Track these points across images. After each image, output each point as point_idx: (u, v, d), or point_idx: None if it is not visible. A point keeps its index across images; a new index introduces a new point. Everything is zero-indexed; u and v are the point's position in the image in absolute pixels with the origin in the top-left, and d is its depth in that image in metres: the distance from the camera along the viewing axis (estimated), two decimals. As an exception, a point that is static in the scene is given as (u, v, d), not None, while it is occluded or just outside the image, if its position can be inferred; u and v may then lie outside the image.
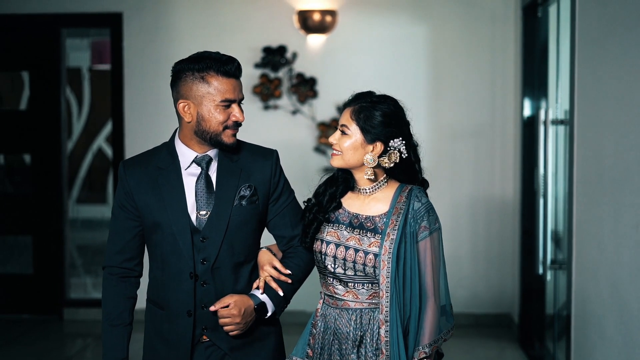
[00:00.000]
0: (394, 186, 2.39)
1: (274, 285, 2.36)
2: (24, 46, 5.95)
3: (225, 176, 2.36)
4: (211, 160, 2.37)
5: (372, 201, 2.38)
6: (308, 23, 5.62)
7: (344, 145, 2.35)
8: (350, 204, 2.41)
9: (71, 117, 9.88)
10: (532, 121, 5.07)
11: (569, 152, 3.73)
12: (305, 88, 5.69)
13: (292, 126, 5.73)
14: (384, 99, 2.36)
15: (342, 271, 2.34)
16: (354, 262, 2.32)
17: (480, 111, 5.72)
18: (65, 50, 6.07)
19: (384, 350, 2.26)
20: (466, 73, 5.71)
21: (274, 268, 2.38)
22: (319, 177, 2.54)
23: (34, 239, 6.03)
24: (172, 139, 2.42)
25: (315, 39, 5.70)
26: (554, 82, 4.63)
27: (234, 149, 2.37)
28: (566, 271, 3.85)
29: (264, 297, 2.35)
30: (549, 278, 4.54)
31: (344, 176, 2.44)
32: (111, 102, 5.91)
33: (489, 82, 5.71)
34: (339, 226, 2.38)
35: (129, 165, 2.40)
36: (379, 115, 2.32)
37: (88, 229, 9.81)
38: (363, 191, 2.40)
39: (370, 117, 2.32)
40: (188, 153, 2.36)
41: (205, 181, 2.35)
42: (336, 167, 2.41)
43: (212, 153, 2.37)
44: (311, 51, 5.72)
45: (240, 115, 2.32)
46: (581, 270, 3.54)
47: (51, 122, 5.98)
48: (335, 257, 2.35)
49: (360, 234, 2.34)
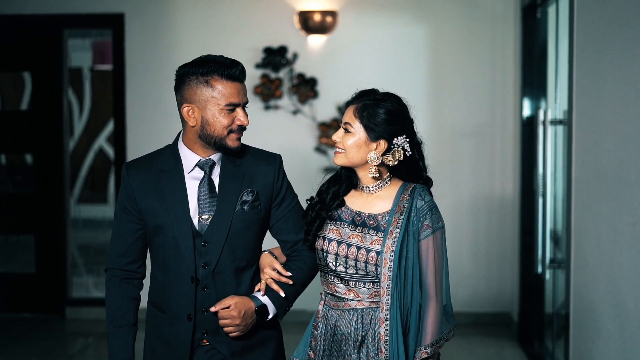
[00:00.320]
0: (397, 184, 2.36)
1: (275, 287, 2.33)
2: (26, 47, 5.96)
3: (228, 181, 2.34)
4: (214, 164, 2.35)
5: (375, 199, 2.35)
6: (309, 24, 5.64)
7: (347, 143, 2.32)
8: (353, 202, 2.38)
9: (72, 117, 9.90)
10: (532, 121, 5.06)
11: (568, 152, 3.74)
12: (306, 88, 5.71)
13: (292, 126, 5.74)
14: (387, 97, 2.34)
15: (344, 269, 2.32)
16: (356, 259, 2.30)
17: (480, 111, 5.73)
18: (67, 50, 6.09)
19: (383, 349, 2.24)
20: (466, 73, 5.72)
21: (275, 270, 2.36)
22: (319, 177, 2.52)
23: (36, 238, 6.04)
24: (176, 142, 2.40)
25: (316, 40, 5.72)
26: (553, 82, 4.63)
27: (238, 153, 2.35)
28: (565, 270, 3.86)
29: (265, 299, 2.33)
30: (548, 277, 4.54)
31: (347, 174, 2.40)
32: (113, 102, 5.93)
33: (488, 83, 5.72)
34: (341, 224, 2.36)
35: (132, 167, 2.38)
36: (383, 113, 2.29)
37: (89, 229, 9.83)
38: (366, 189, 2.37)
39: (374, 114, 2.29)
40: (191, 157, 2.34)
41: (208, 185, 2.33)
42: (339, 165, 2.37)
43: (215, 157, 2.35)
44: (312, 51, 5.74)
45: (245, 119, 2.30)
46: (579, 269, 3.54)
47: (53, 122, 5.99)
48: (337, 254, 2.32)
49: (362, 232, 2.31)
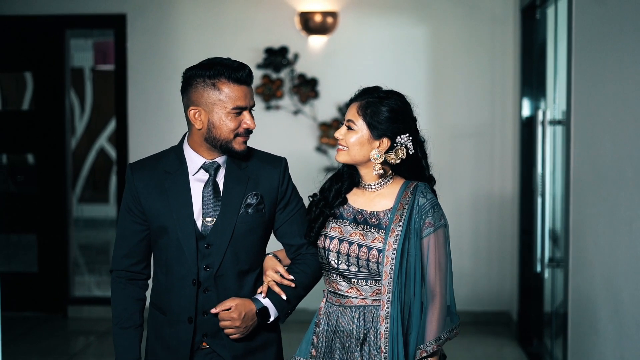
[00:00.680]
0: (399, 182, 2.34)
1: (276, 289, 2.32)
2: (28, 47, 5.99)
3: (233, 183, 2.32)
4: (219, 167, 2.34)
5: (377, 197, 2.33)
6: (309, 24, 5.66)
7: (350, 141, 2.30)
8: (355, 199, 2.37)
9: (73, 117, 9.93)
10: (531, 121, 5.08)
11: (566, 152, 3.75)
12: (307, 88, 5.74)
13: (293, 126, 5.77)
14: (391, 94, 2.32)
15: (346, 267, 2.31)
16: (357, 257, 2.28)
17: (479, 111, 5.75)
18: (69, 51, 6.12)
19: (382, 347, 2.23)
20: (466, 74, 5.75)
21: (278, 273, 2.34)
22: (320, 176, 2.52)
23: (39, 237, 6.07)
24: (181, 143, 2.38)
25: (317, 40, 5.75)
26: (552, 83, 4.65)
27: (244, 156, 2.34)
28: (563, 269, 3.88)
29: (266, 302, 2.32)
30: (547, 276, 4.56)
31: (350, 172, 2.39)
32: (115, 103, 5.96)
33: (488, 83, 5.75)
34: (342, 221, 2.34)
35: (137, 168, 2.37)
36: (386, 111, 2.28)
37: (90, 228, 9.84)
38: (368, 187, 2.35)
39: (377, 112, 2.27)
40: (196, 159, 2.33)
41: (213, 188, 2.32)
42: (341, 163, 2.35)
43: (220, 160, 2.34)
44: (312, 52, 5.77)
45: (252, 123, 2.29)
46: (578, 268, 3.56)
47: (55, 122, 6.02)
48: (338, 252, 2.31)
49: (364, 230, 2.30)
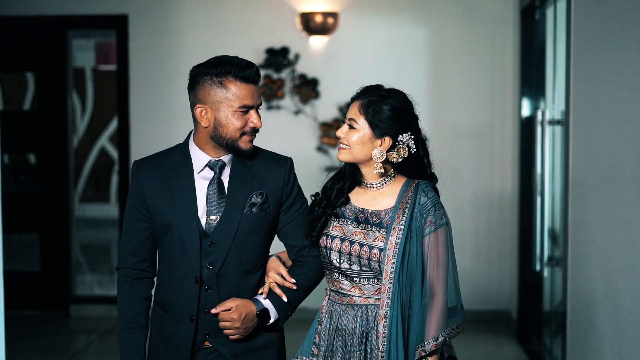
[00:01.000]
0: (401, 181, 2.33)
1: (277, 291, 2.31)
2: (31, 47, 6.02)
3: (238, 182, 2.31)
4: (224, 165, 2.33)
5: (379, 196, 2.32)
6: (310, 25, 5.69)
7: (351, 139, 2.28)
8: (357, 199, 2.35)
9: (75, 117, 9.95)
10: (530, 121, 5.09)
11: (565, 152, 3.77)
12: (308, 89, 5.77)
13: (294, 126, 5.80)
14: (392, 93, 2.31)
15: (348, 266, 2.29)
16: (359, 256, 2.27)
17: (479, 111, 5.78)
18: (72, 51, 6.15)
19: (380, 346, 2.21)
20: (466, 74, 5.77)
21: (280, 275, 2.33)
22: (321, 176, 2.51)
23: (41, 236, 6.10)
24: (187, 141, 2.37)
25: (318, 41, 5.78)
26: (551, 83, 4.66)
27: (249, 155, 2.33)
28: (562, 268, 3.90)
29: (266, 303, 2.31)
30: (546, 275, 4.58)
31: (351, 171, 2.37)
32: (117, 103, 5.99)
33: (488, 83, 5.77)
34: (344, 221, 2.33)
35: (142, 165, 2.36)
36: (388, 110, 2.26)
37: (91, 228, 9.87)
38: (370, 186, 2.34)
39: (379, 111, 2.26)
40: (202, 156, 2.32)
41: (217, 186, 2.31)
42: (343, 161, 2.34)
43: (226, 158, 2.33)
44: (313, 52, 5.80)
45: (258, 122, 2.28)
46: (576, 266, 3.58)
47: (57, 122, 6.05)
48: (340, 251, 2.30)
49: (365, 229, 2.29)
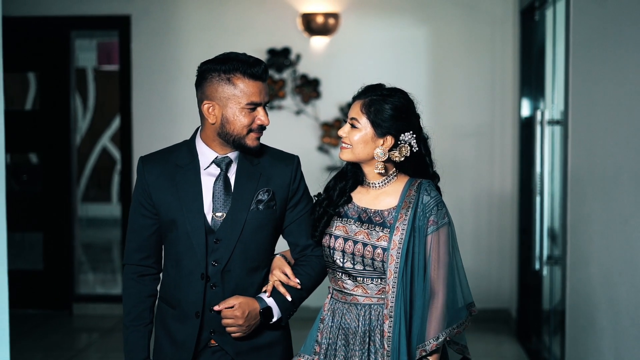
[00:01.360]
0: (403, 180, 2.32)
1: (282, 289, 2.30)
2: (34, 48, 6.06)
3: (244, 179, 2.31)
4: (231, 162, 2.32)
5: (381, 195, 2.31)
6: (311, 25, 5.73)
7: (353, 139, 2.28)
8: (359, 198, 2.34)
9: (76, 117, 9.98)
10: (530, 121, 5.12)
11: (564, 152, 3.80)
12: (309, 89, 5.80)
13: (295, 126, 5.83)
14: (394, 92, 2.30)
15: (351, 265, 2.29)
16: (363, 256, 2.27)
17: (480, 111, 5.81)
18: (74, 51, 6.19)
19: (385, 345, 2.21)
20: (466, 74, 5.80)
21: (284, 274, 2.32)
22: (322, 175, 2.51)
23: (44, 236, 6.14)
24: (193, 137, 2.37)
25: (319, 41, 5.81)
26: (551, 83, 4.69)
27: (256, 152, 2.33)
28: (561, 267, 3.93)
29: (270, 301, 2.29)
30: (546, 273, 4.60)
31: (353, 170, 2.37)
32: (119, 103, 6.02)
33: (488, 83, 5.80)
34: (347, 220, 2.32)
35: (148, 161, 2.35)
36: (390, 109, 2.26)
37: (93, 228, 9.90)
38: (373, 185, 2.33)
39: (381, 110, 2.25)
40: (208, 153, 2.31)
41: (224, 183, 2.30)
42: (345, 161, 2.34)
43: (232, 155, 2.32)
44: (315, 53, 5.83)
45: (266, 119, 2.27)
46: (575, 265, 3.61)
47: (60, 122, 6.09)
48: (343, 251, 2.29)
49: (368, 228, 2.28)
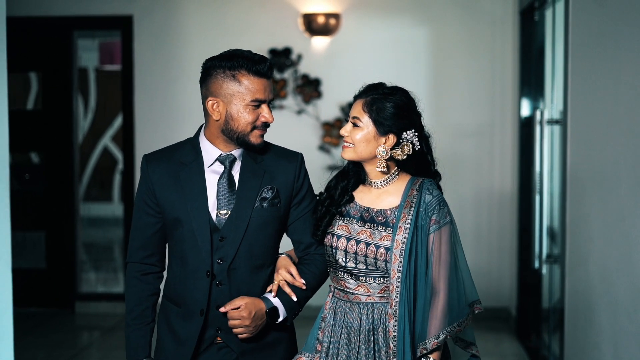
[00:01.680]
0: (405, 179, 2.32)
1: (287, 289, 2.29)
2: (37, 47, 6.09)
3: (248, 176, 2.30)
4: (235, 159, 2.31)
5: (383, 194, 2.31)
6: (313, 26, 5.76)
7: (356, 138, 2.28)
8: (361, 197, 2.34)
9: (78, 116, 10.00)
10: (530, 121, 5.14)
11: (563, 151, 3.83)
12: (310, 89, 5.84)
13: (297, 126, 5.86)
14: (395, 90, 2.31)
15: (354, 265, 2.28)
16: (365, 255, 2.26)
17: (480, 111, 5.84)
18: (77, 51, 6.22)
19: (391, 345, 2.21)
20: (466, 74, 5.83)
21: (290, 274, 2.31)
22: (323, 174, 2.50)
23: (47, 234, 6.17)
24: (197, 134, 2.36)
25: (320, 41, 5.85)
26: (550, 83, 4.71)
27: (260, 149, 2.32)
28: (560, 265, 3.97)
29: (276, 302, 2.28)
30: (545, 272, 4.62)
31: (355, 169, 2.36)
32: (122, 103, 6.06)
33: (488, 83, 5.83)
34: (349, 220, 2.32)
35: (152, 159, 2.35)
36: (392, 107, 2.26)
37: (94, 227, 9.91)
38: (375, 184, 2.33)
39: (383, 109, 2.26)
40: (212, 150, 2.30)
41: (228, 180, 2.30)
42: (347, 160, 2.34)
43: (236, 153, 2.32)
44: (316, 53, 5.87)
45: (270, 116, 2.27)
46: (574, 263, 3.64)
47: (63, 122, 6.13)
48: (346, 251, 2.29)
49: (371, 228, 2.28)
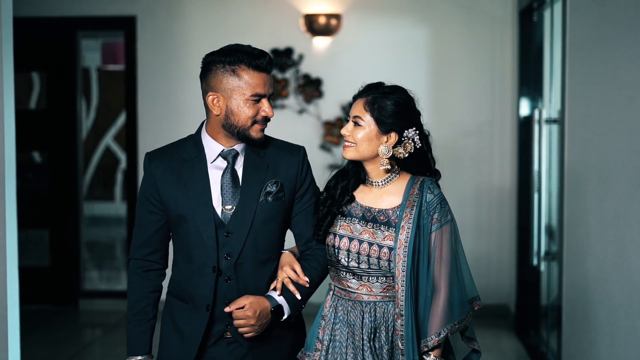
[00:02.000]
0: (405, 178, 2.32)
1: (291, 287, 2.28)
2: (41, 48, 6.14)
3: (252, 171, 2.29)
4: (237, 154, 2.31)
5: (384, 194, 2.31)
6: (314, 26, 5.81)
7: (357, 137, 2.27)
8: (362, 197, 2.33)
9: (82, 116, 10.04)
10: (528, 120, 5.17)
11: (561, 150, 3.87)
12: (311, 88, 5.88)
13: (298, 125, 5.90)
14: (395, 89, 2.31)
15: (356, 265, 2.27)
16: (368, 255, 2.26)
17: (479, 111, 5.87)
18: (80, 52, 6.27)
19: (399, 344, 2.21)
20: (466, 74, 5.87)
21: (294, 271, 2.30)
22: (324, 173, 2.49)
23: (51, 233, 6.23)
24: (199, 131, 2.35)
25: (321, 42, 5.89)
26: (549, 83, 4.75)
27: (261, 144, 2.31)
28: (558, 262, 4.02)
29: (280, 300, 2.27)
30: (543, 269, 4.67)
31: (355, 169, 2.36)
32: (125, 102, 6.11)
33: (487, 83, 5.87)
34: (351, 219, 2.31)
35: (154, 157, 2.34)
36: (393, 105, 2.26)
37: (96, 226, 9.95)
38: (375, 184, 2.32)
39: (384, 107, 2.26)
40: (214, 146, 2.30)
41: (231, 175, 2.29)
42: (348, 159, 2.33)
43: (238, 147, 2.31)
44: (317, 53, 5.91)
45: (270, 111, 2.26)
46: (571, 260, 3.68)
47: (67, 121, 6.17)
48: (348, 250, 2.28)
49: (373, 228, 2.27)
